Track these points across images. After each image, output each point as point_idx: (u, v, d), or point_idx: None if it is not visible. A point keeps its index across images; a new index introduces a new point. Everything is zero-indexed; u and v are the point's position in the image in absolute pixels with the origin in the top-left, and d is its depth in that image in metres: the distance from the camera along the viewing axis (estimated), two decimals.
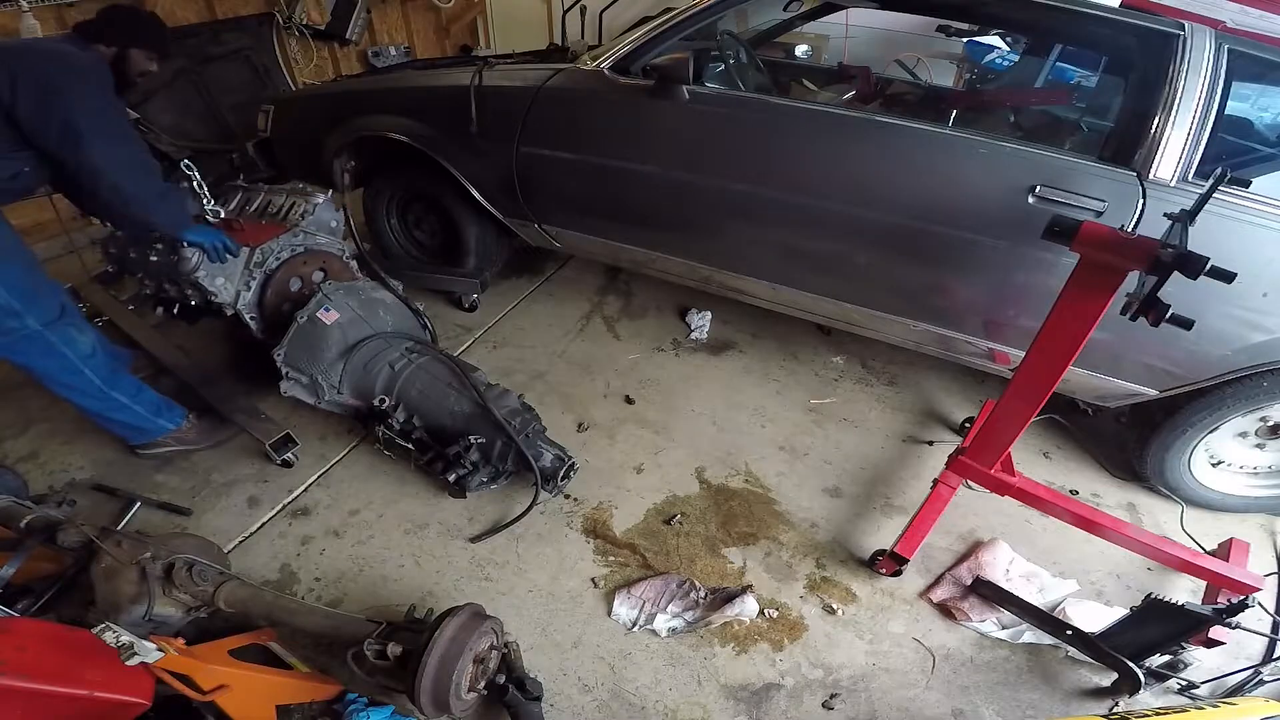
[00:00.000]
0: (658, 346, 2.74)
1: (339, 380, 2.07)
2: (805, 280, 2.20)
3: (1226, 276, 1.17)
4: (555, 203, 2.46)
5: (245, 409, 2.13)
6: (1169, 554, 1.72)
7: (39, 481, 2.02)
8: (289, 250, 2.19)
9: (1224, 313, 1.67)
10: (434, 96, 2.45)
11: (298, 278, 2.23)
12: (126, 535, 1.47)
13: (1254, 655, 1.72)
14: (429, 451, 2.00)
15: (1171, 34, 1.81)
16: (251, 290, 2.12)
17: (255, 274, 2.12)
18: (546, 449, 1.99)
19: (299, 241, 2.22)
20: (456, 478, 1.93)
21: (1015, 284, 1.88)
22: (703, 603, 1.77)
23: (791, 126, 2.02)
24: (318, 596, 1.76)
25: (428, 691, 1.28)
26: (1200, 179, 1.66)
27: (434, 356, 2.14)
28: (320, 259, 2.27)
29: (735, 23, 3.47)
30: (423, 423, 2.03)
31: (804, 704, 1.60)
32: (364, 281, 2.27)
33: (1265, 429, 1.95)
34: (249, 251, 2.10)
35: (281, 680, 1.45)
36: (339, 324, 2.08)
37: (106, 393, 1.88)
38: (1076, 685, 1.66)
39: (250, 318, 2.14)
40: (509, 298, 3.01)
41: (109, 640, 1.17)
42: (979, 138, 1.86)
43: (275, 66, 3.98)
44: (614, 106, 2.19)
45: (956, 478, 1.89)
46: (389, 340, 2.14)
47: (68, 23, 3.15)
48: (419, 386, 2.04)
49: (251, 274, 2.11)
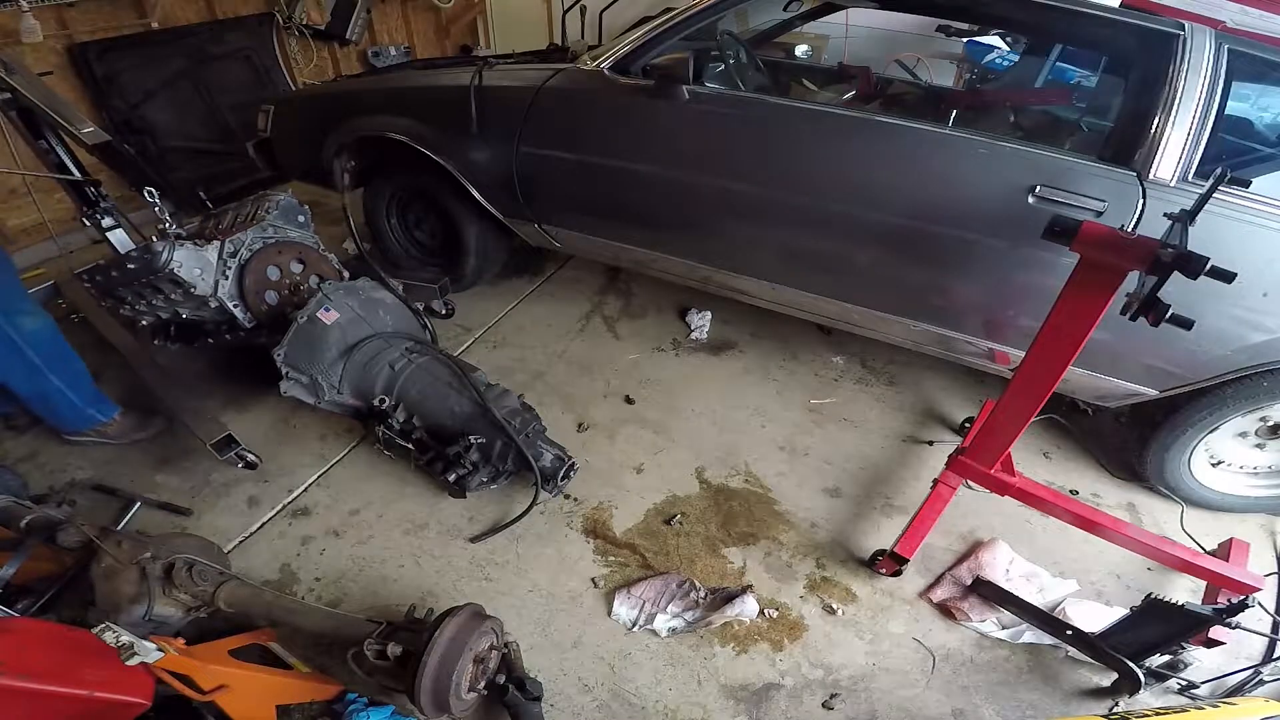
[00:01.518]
0: (658, 346, 2.74)
1: (339, 380, 2.06)
2: (805, 280, 2.20)
3: (1226, 277, 1.17)
4: (555, 202, 2.46)
5: (194, 410, 2.12)
6: (1169, 554, 1.72)
7: (39, 481, 2.02)
8: (260, 241, 2.20)
9: (1224, 313, 1.67)
10: (434, 96, 2.45)
11: (275, 266, 2.24)
12: (126, 535, 1.47)
13: (1254, 655, 1.72)
14: (429, 451, 2.00)
15: (1171, 34, 1.81)
16: (229, 279, 2.13)
17: (230, 263, 2.13)
18: (546, 449, 1.99)
19: (269, 234, 2.24)
20: (456, 478, 1.93)
21: (1015, 284, 1.88)
22: (703, 603, 1.77)
23: (791, 126, 2.02)
24: (318, 596, 1.76)
25: (428, 691, 1.27)
26: (1200, 179, 1.66)
27: (434, 357, 2.13)
28: (296, 249, 2.29)
29: (735, 23, 3.47)
30: (423, 423, 2.03)
31: (804, 704, 1.60)
32: (364, 281, 2.28)
33: (1265, 429, 1.95)
34: (219, 244, 2.11)
35: (281, 680, 1.45)
36: (339, 324, 2.08)
37: (45, 376, 1.93)
38: (1076, 685, 1.66)
39: (234, 305, 2.14)
40: (509, 298, 3.01)
41: (109, 640, 1.17)
42: (979, 138, 1.85)
43: (275, 66, 3.98)
44: (614, 106, 2.19)
45: (956, 478, 1.89)
46: (389, 340, 2.13)
47: (68, 23, 3.15)
48: (419, 386, 2.04)
49: (226, 264, 2.12)
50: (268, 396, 2.27)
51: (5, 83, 2.20)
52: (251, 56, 3.86)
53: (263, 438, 2.20)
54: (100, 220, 2.47)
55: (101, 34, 3.27)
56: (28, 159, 2.88)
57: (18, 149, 2.90)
